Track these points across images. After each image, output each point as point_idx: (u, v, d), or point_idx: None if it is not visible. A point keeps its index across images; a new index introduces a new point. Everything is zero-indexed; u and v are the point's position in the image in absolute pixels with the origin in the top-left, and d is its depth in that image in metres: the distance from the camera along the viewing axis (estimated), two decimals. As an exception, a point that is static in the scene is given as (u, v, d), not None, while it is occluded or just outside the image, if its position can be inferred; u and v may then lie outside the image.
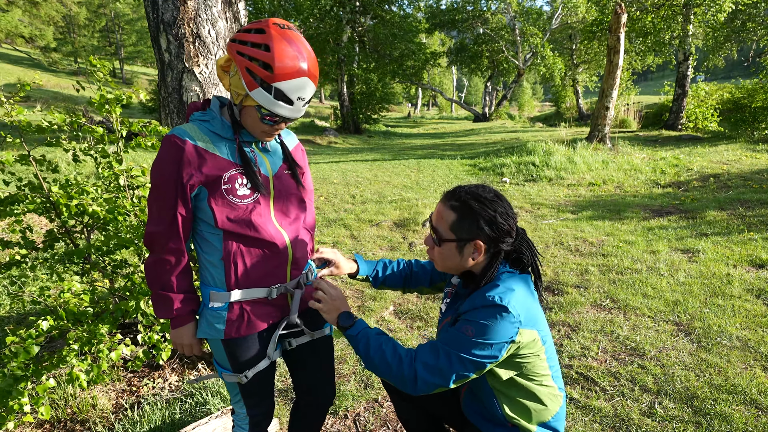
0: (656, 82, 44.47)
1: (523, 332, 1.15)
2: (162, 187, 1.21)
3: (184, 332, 1.33)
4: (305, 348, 1.50)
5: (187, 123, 1.27)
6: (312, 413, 1.61)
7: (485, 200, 1.21)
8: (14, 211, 2.23)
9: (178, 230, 1.24)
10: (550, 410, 1.28)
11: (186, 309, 1.31)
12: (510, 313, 1.12)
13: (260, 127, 1.23)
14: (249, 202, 1.25)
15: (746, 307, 3.11)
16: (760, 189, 6.34)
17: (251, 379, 1.39)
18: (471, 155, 11.17)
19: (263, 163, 1.30)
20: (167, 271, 1.27)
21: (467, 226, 1.21)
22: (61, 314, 1.95)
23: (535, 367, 1.22)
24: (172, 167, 1.19)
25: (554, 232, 5.07)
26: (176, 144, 1.19)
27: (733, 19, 14.12)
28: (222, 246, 1.27)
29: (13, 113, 2.10)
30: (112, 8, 33.64)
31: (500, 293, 1.15)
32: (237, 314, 1.31)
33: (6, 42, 28.59)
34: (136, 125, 2.32)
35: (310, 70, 1.15)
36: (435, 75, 40.16)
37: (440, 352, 1.18)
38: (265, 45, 1.11)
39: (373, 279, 1.56)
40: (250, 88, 1.14)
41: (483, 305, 1.15)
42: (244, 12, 2.62)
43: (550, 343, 1.27)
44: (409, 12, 23.49)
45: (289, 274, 1.36)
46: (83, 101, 18.01)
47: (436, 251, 1.30)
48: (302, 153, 1.47)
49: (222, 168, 1.23)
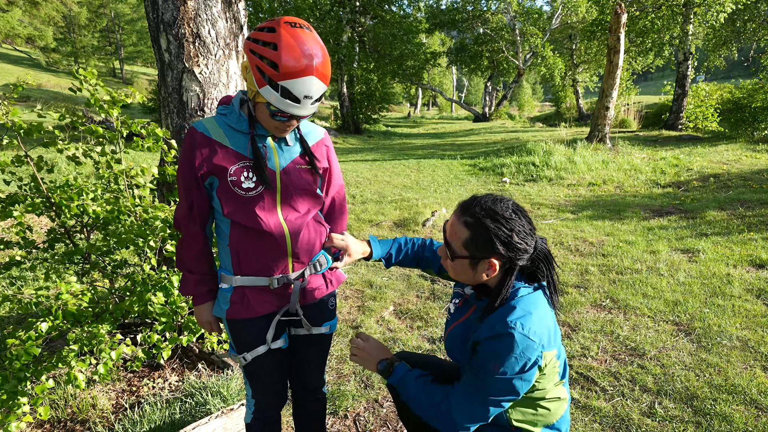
0: (656, 82, 44.48)
1: (546, 354, 1.14)
2: (181, 175, 1.32)
3: (202, 310, 1.44)
4: (302, 338, 1.54)
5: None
6: (303, 402, 1.66)
7: (501, 218, 1.14)
8: (13, 212, 2.23)
9: (195, 215, 1.34)
10: (555, 414, 1.27)
11: (202, 289, 1.41)
12: (532, 341, 1.09)
13: (272, 123, 1.26)
14: (253, 195, 1.29)
15: (746, 307, 3.10)
16: (760, 189, 6.34)
17: (252, 362, 1.44)
18: (471, 155, 11.17)
19: (272, 157, 1.33)
20: (188, 252, 1.38)
21: (482, 245, 1.16)
22: (59, 316, 1.95)
23: (548, 378, 1.21)
24: (188, 157, 1.29)
25: (554, 232, 5.07)
26: (191, 135, 1.30)
27: (734, 19, 14.11)
28: (229, 233, 1.35)
29: (8, 115, 2.10)
30: (113, 8, 33.63)
31: (521, 320, 1.11)
32: (239, 297, 1.37)
33: (6, 42, 28.61)
34: (136, 126, 2.32)
35: (318, 69, 1.15)
36: (435, 75, 40.14)
37: (476, 400, 1.16)
38: (273, 44, 1.12)
39: (386, 260, 1.55)
40: (260, 86, 1.17)
41: (503, 333, 1.11)
42: (243, 12, 2.61)
43: (563, 352, 1.26)
44: (409, 12, 23.48)
45: (291, 266, 1.39)
46: (83, 101, 18.00)
47: (449, 264, 1.26)
48: (327, 149, 1.48)
49: (230, 160, 1.28)
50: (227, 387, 2.34)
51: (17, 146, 2.20)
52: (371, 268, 4.18)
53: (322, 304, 1.50)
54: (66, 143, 2.30)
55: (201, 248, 1.38)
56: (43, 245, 2.44)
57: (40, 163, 2.31)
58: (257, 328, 1.41)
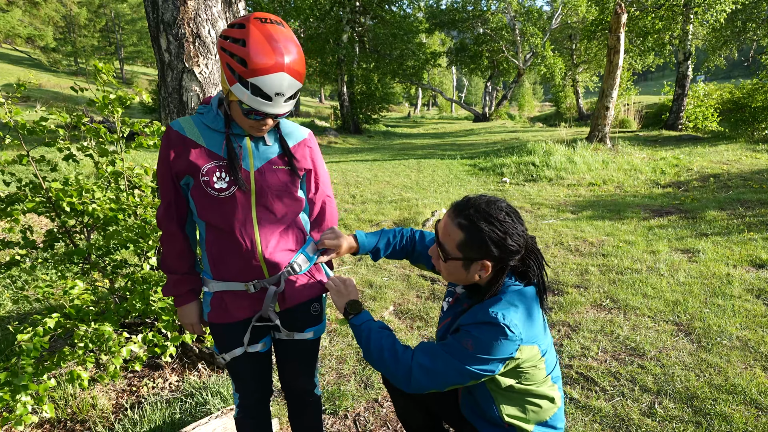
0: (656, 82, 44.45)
1: (524, 349, 1.14)
2: (158, 173, 1.31)
3: (184, 311, 1.42)
4: (285, 343, 1.52)
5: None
6: (296, 404, 1.66)
7: (496, 221, 1.15)
8: (13, 211, 2.22)
9: (172, 214, 1.32)
10: (546, 411, 1.28)
11: (182, 289, 1.38)
12: (511, 333, 1.11)
13: (246, 122, 1.22)
14: (225, 196, 1.25)
15: (746, 307, 3.11)
16: (760, 189, 6.34)
17: (232, 362, 1.45)
18: (471, 155, 11.17)
19: (247, 157, 1.28)
20: (167, 252, 1.36)
21: (475, 247, 1.17)
22: (69, 311, 1.95)
23: (533, 375, 1.22)
24: (163, 155, 1.28)
25: (554, 232, 5.07)
26: (167, 133, 1.28)
27: (734, 19, 14.12)
28: (205, 236, 1.33)
29: (10, 114, 2.10)
30: (113, 8, 33.63)
31: (503, 310, 1.13)
32: (218, 302, 1.38)
33: (6, 42, 28.60)
34: (138, 125, 2.32)
35: (289, 66, 1.11)
36: (435, 75, 40.14)
37: (438, 359, 1.17)
38: (242, 40, 1.09)
39: (373, 254, 1.53)
40: (230, 84, 1.14)
41: (484, 321, 1.13)
42: (244, 12, 2.62)
43: (551, 352, 1.27)
44: (409, 12, 23.49)
45: (265, 270, 1.34)
46: (83, 101, 17.99)
47: (442, 265, 1.27)
48: (309, 150, 1.42)
49: (203, 159, 1.25)
50: (227, 387, 2.34)
51: (18, 145, 2.21)
52: (371, 268, 4.18)
53: (303, 308, 1.46)
54: (66, 143, 2.30)
55: (180, 248, 1.35)
56: (42, 245, 2.44)
57: (42, 163, 2.31)
58: (236, 333, 1.40)
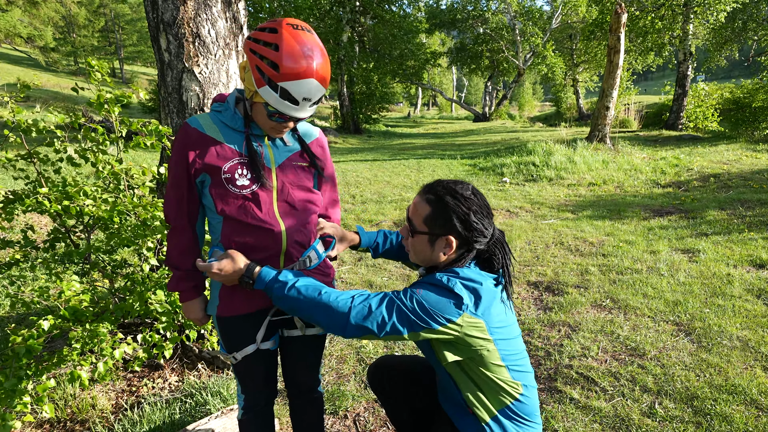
0: (656, 82, 44.45)
1: (467, 318, 1.14)
2: (172, 168, 1.30)
3: (189, 307, 1.42)
4: (295, 339, 1.52)
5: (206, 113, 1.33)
6: (299, 402, 1.64)
7: (461, 197, 1.22)
8: (13, 210, 2.22)
9: (184, 210, 1.33)
10: (504, 401, 1.26)
11: (187, 285, 1.39)
12: (457, 294, 1.14)
13: (269, 123, 1.27)
14: (248, 192, 1.29)
15: (746, 307, 3.10)
16: (761, 189, 6.34)
17: (241, 362, 1.44)
18: (471, 155, 11.17)
19: (267, 155, 1.33)
20: (174, 247, 1.37)
21: (440, 221, 1.22)
22: (64, 313, 1.95)
23: (483, 357, 1.21)
24: (180, 151, 1.28)
25: (554, 232, 5.07)
26: (185, 130, 1.29)
27: (734, 18, 14.12)
28: (221, 230, 1.34)
29: (13, 114, 2.10)
30: (113, 8, 33.63)
31: (452, 277, 1.17)
32: (229, 294, 1.37)
33: (6, 42, 28.60)
34: (136, 125, 2.31)
35: (318, 72, 1.16)
36: (435, 75, 40.15)
37: (378, 296, 1.18)
38: (275, 44, 1.13)
39: (373, 250, 1.59)
40: (259, 86, 1.17)
41: (433, 282, 1.17)
42: (243, 12, 2.61)
43: (512, 344, 1.26)
44: (409, 12, 23.48)
45: (282, 263, 1.38)
46: (83, 101, 17.99)
47: (410, 242, 1.32)
48: (321, 149, 1.48)
49: (225, 157, 1.28)
50: (227, 387, 2.34)
51: (19, 145, 2.21)
52: (371, 268, 4.18)
53: None
54: (65, 144, 2.30)
55: (186, 244, 1.36)
56: (43, 245, 2.44)
57: (44, 164, 2.31)
58: (247, 326, 1.41)
